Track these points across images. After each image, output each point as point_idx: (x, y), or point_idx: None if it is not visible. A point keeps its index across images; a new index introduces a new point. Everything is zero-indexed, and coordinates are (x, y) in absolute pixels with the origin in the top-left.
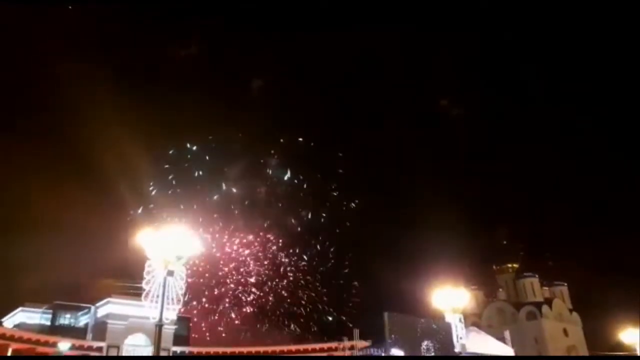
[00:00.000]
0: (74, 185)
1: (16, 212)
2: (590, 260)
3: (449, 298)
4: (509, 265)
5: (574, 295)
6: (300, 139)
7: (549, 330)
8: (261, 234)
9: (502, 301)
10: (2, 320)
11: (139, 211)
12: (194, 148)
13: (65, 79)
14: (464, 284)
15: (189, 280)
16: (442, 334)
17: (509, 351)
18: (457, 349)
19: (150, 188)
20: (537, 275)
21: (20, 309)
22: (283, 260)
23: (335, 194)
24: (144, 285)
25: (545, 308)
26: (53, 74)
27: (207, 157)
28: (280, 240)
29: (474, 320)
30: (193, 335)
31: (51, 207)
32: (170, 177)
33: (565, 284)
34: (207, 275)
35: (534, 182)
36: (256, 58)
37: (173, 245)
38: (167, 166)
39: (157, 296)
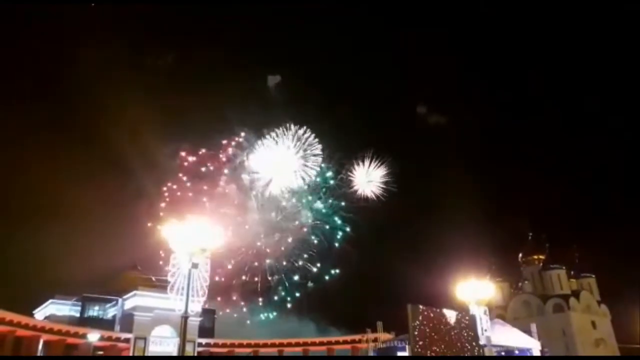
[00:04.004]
0: (102, 179)
1: (45, 207)
2: (619, 252)
3: (474, 290)
4: (535, 256)
5: (602, 287)
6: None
7: (577, 323)
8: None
9: (528, 293)
10: (34, 312)
11: (164, 204)
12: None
13: (91, 74)
14: (489, 276)
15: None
16: (467, 326)
17: (535, 344)
18: (482, 342)
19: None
20: (564, 267)
21: (50, 301)
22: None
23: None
24: (169, 277)
25: (572, 300)
26: (80, 68)
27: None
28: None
29: (499, 313)
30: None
31: (79, 201)
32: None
33: (593, 276)
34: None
35: (560, 174)
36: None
37: (197, 238)
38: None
39: (182, 288)
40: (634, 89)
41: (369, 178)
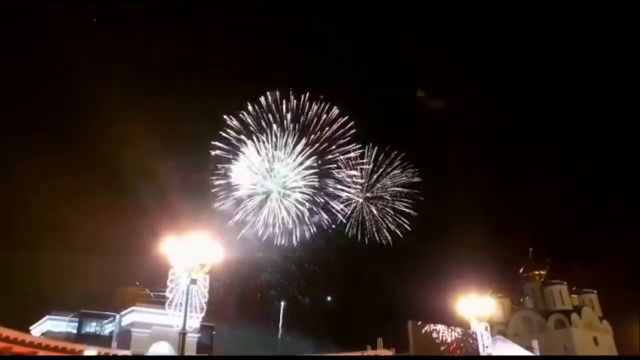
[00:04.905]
0: (99, 195)
1: (43, 223)
2: (621, 267)
3: (475, 306)
4: (537, 272)
5: (604, 304)
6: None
7: (579, 339)
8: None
9: (529, 310)
10: (31, 328)
11: (163, 220)
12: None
13: (92, 90)
14: (490, 292)
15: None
16: (468, 343)
17: None
18: None
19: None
20: (565, 283)
21: (47, 317)
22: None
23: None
24: (167, 293)
25: (574, 316)
26: (81, 85)
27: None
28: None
29: (500, 329)
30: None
31: (76, 217)
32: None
33: (595, 292)
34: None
35: (561, 189)
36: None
37: (196, 254)
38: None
39: (181, 305)
40: (634, 89)
41: (367, 194)
